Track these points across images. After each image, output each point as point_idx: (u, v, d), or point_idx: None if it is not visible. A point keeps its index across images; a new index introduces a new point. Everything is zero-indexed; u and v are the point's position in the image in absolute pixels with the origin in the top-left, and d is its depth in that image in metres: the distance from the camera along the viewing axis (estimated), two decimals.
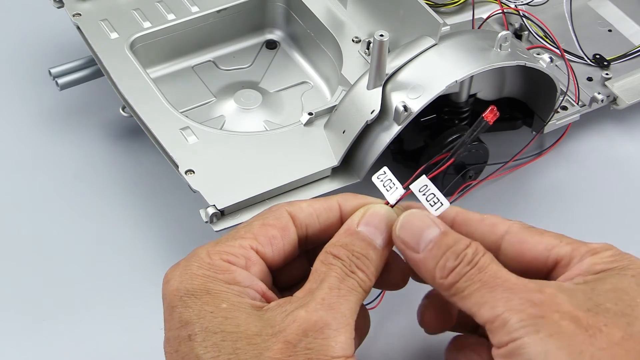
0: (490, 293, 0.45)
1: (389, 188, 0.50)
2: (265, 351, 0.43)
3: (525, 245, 0.49)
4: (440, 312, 0.52)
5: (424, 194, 0.49)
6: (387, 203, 0.49)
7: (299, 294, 0.46)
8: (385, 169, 0.50)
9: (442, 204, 0.48)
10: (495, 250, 0.49)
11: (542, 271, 0.49)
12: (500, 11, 0.71)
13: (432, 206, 0.48)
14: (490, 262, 0.46)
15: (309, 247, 0.50)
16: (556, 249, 0.48)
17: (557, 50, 0.70)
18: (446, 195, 0.67)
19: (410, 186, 0.49)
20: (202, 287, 0.45)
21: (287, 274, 0.50)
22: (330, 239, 0.48)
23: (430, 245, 0.47)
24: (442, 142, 0.63)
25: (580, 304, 0.44)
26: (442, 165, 0.49)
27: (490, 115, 0.48)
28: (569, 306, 0.44)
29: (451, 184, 0.65)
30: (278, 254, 0.48)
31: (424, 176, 0.49)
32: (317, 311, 0.44)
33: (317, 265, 0.47)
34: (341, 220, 0.49)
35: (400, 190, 0.49)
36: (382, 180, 0.50)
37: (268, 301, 0.47)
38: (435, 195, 0.48)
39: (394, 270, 0.50)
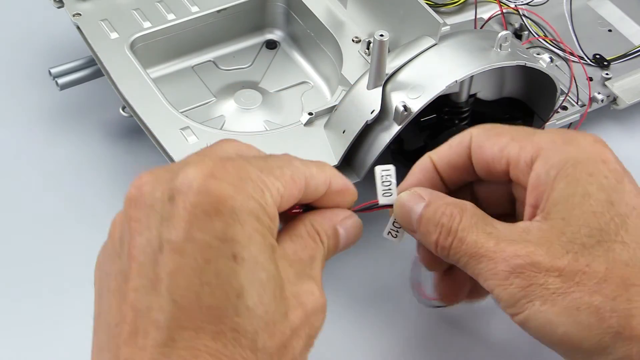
0: (478, 265, 0.45)
1: (385, 189, 0.50)
2: (289, 312, 0.41)
3: (484, 148, 0.49)
4: (454, 281, 0.52)
5: (382, 181, 0.49)
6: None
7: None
8: (390, 166, 0.50)
9: (392, 193, 0.49)
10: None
11: (501, 173, 0.48)
12: (501, 12, 0.71)
13: (383, 195, 0.49)
14: (468, 227, 0.46)
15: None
16: (507, 149, 0.48)
17: (557, 50, 0.70)
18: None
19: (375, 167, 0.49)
20: (253, 212, 0.41)
21: None
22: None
23: (418, 223, 0.48)
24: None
25: (557, 250, 0.44)
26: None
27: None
28: (548, 261, 0.44)
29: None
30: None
31: (391, 165, 0.49)
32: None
33: None
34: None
35: (394, 197, 0.49)
36: (382, 178, 0.50)
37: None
38: (390, 184, 0.49)
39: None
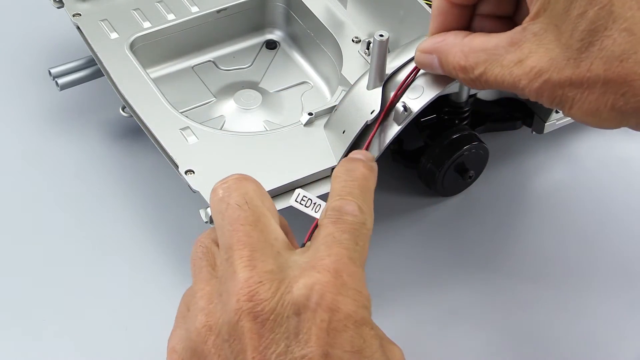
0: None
1: (312, 207, 0.50)
2: None
3: None
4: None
5: (304, 205, 0.49)
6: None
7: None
8: (298, 190, 0.50)
9: (321, 206, 0.49)
10: None
11: None
12: None
13: (316, 212, 0.49)
14: (481, 66, 0.49)
15: None
16: None
17: None
18: (448, 195, 0.67)
19: (289, 202, 0.50)
20: (368, 322, 0.44)
21: None
22: None
23: (444, 69, 0.52)
24: (442, 142, 0.63)
25: (559, 62, 0.46)
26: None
27: None
28: (555, 75, 0.45)
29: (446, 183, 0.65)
30: None
31: (298, 189, 0.50)
32: None
33: None
34: None
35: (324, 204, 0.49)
36: (302, 203, 0.50)
37: None
38: (312, 201, 0.49)
39: None
